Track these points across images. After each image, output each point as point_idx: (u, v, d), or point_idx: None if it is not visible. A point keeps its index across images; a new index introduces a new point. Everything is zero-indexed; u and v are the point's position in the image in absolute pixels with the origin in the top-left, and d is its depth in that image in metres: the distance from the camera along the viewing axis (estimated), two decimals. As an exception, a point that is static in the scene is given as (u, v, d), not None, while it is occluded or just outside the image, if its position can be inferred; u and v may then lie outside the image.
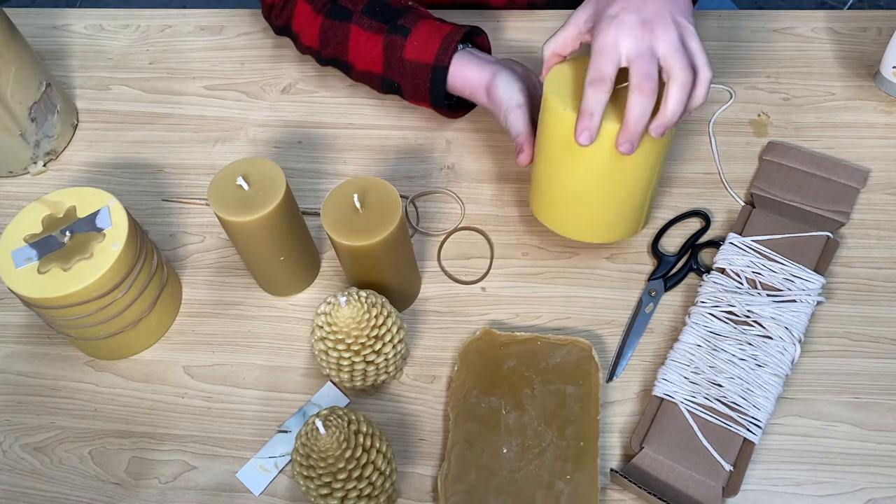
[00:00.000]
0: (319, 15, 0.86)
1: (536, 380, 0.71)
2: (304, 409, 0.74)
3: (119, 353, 0.78)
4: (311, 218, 0.84)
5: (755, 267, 0.75)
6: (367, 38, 0.84)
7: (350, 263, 0.72)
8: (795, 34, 0.94)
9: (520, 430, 0.69)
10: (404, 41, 0.82)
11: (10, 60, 0.84)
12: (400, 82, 0.84)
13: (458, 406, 0.70)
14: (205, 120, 0.94)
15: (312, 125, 0.92)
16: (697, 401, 0.69)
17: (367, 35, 0.84)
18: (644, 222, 0.75)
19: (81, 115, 0.96)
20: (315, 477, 0.60)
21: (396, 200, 0.69)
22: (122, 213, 0.72)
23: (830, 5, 2.05)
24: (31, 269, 0.70)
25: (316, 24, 0.87)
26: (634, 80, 0.63)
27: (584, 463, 0.67)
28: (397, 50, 0.82)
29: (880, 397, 0.71)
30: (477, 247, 0.82)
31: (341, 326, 0.65)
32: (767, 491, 0.67)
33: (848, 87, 0.90)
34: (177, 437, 0.73)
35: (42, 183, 0.91)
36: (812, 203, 0.80)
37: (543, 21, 0.98)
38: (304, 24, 0.88)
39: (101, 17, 1.05)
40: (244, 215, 0.68)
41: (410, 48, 0.81)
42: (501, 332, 0.74)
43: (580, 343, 0.72)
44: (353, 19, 0.84)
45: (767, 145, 0.85)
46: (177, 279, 0.82)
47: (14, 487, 0.72)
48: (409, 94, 0.84)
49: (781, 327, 0.71)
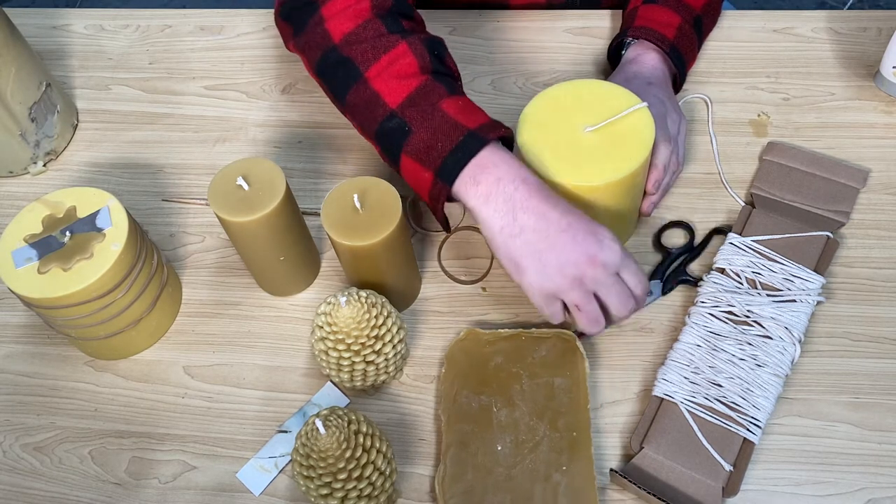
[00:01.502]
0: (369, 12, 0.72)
1: (524, 375, 0.71)
2: (304, 409, 0.74)
3: (119, 353, 0.78)
4: (311, 218, 0.84)
5: (755, 267, 0.75)
6: (409, 63, 0.70)
7: (350, 263, 0.72)
8: (795, 34, 0.94)
9: (512, 426, 0.69)
10: (446, 94, 0.69)
11: (10, 60, 0.84)
12: (412, 125, 0.68)
13: (449, 408, 0.71)
14: (205, 120, 0.94)
15: (312, 125, 0.92)
16: (697, 401, 0.69)
17: (411, 60, 0.70)
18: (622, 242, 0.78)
19: (81, 115, 0.96)
20: (315, 477, 0.60)
21: (396, 200, 0.69)
22: (122, 213, 0.72)
23: (830, 5, 2.04)
24: (31, 269, 0.70)
25: (358, 16, 0.72)
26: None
27: (578, 453, 0.67)
28: (434, 96, 0.69)
29: (880, 397, 0.71)
30: (477, 247, 0.82)
31: (341, 326, 0.65)
32: (767, 491, 0.67)
33: (848, 87, 0.89)
34: (177, 437, 0.73)
35: (42, 183, 0.91)
36: (812, 203, 0.80)
37: (544, 21, 0.98)
38: (339, 11, 0.72)
39: (101, 17, 1.05)
40: (244, 215, 0.68)
41: (450, 104, 0.69)
42: (485, 331, 0.74)
43: (564, 334, 0.73)
44: (407, 38, 0.71)
45: (767, 145, 0.85)
46: (177, 279, 0.82)
47: (14, 487, 0.72)
48: (414, 145, 0.68)
49: (781, 327, 0.71)
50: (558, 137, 0.70)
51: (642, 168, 0.70)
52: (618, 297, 0.66)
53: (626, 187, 0.71)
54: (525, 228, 0.64)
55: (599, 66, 0.94)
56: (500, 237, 0.66)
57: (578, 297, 0.65)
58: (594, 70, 0.93)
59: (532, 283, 0.65)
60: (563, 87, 0.74)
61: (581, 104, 0.72)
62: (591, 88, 0.74)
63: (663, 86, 0.82)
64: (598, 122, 0.70)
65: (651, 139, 0.70)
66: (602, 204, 0.71)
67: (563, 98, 0.73)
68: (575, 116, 0.71)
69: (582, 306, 0.66)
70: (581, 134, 0.70)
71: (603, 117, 0.70)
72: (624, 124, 0.70)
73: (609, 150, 0.69)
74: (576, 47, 0.95)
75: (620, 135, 0.70)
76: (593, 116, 0.71)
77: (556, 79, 0.93)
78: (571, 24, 0.97)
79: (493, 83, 0.93)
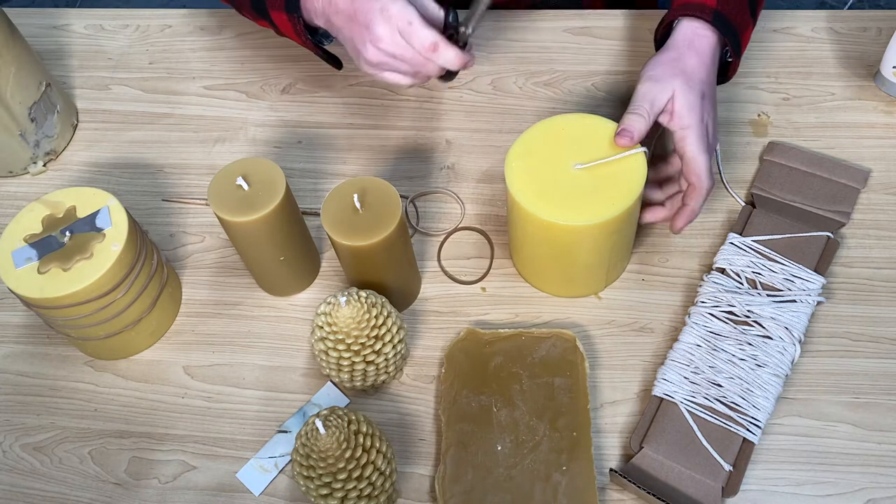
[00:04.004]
0: None
1: (524, 374, 0.71)
2: (304, 409, 0.74)
3: (119, 353, 0.78)
4: (311, 218, 0.84)
5: (755, 267, 0.75)
6: None
7: (350, 263, 0.72)
8: (795, 34, 0.94)
9: (512, 426, 0.69)
10: None
11: (10, 60, 0.84)
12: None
13: (449, 408, 0.71)
14: (205, 120, 0.94)
15: (312, 125, 0.92)
16: (697, 401, 0.69)
17: None
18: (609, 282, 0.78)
19: (81, 115, 0.96)
20: (315, 477, 0.60)
21: (396, 200, 0.69)
22: (122, 213, 0.72)
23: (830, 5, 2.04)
24: (31, 269, 0.70)
25: None
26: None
27: (578, 453, 0.67)
28: None
29: (880, 397, 0.71)
30: (477, 247, 0.82)
31: (341, 326, 0.65)
32: (767, 491, 0.67)
33: (848, 87, 0.89)
34: (177, 437, 0.73)
35: (42, 183, 0.91)
36: (812, 203, 0.80)
37: (543, 21, 0.98)
38: None
39: (101, 17, 1.04)
40: (244, 215, 0.68)
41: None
42: (485, 331, 0.74)
43: (564, 335, 0.73)
44: None
45: (768, 145, 0.85)
46: (177, 279, 0.82)
47: (14, 487, 0.72)
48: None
49: (781, 327, 0.71)
50: (546, 173, 0.69)
51: (628, 213, 0.68)
52: (408, 60, 0.71)
53: (608, 232, 0.69)
54: (332, 25, 0.74)
55: (599, 66, 0.94)
56: (321, 20, 0.75)
57: (389, 64, 0.72)
58: (594, 70, 0.93)
59: (360, 67, 0.74)
60: (557, 120, 0.73)
61: (575, 140, 0.71)
62: (587, 124, 0.72)
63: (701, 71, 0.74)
64: (590, 160, 0.69)
65: (641, 184, 0.68)
66: (582, 245, 0.70)
67: (556, 132, 0.72)
68: (566, 152, 0.70)
69: (397, 69, 0.72)
70: (570, 171, 0.69)
71: (596, 156, 0.69)
72: (617, 165, 0.69)
73: (596, 192, 0.68)
74: (576, 47, 0.95)
75: (611, 176, 0.68)
76: (585, 154, 0.70)
77: (556, 78, 0.93)
78: (571, 24, 0.97)
79: (492, 83, 0.93)
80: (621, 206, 0.67)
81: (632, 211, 0.69)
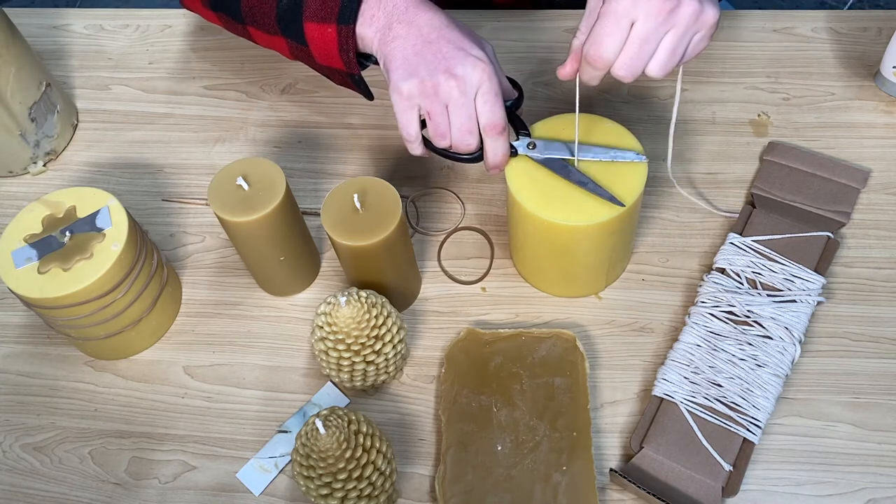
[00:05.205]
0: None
1: (524, 374, 0.71)
2: (304, 409, 0.74)
3: (119, 353, 0.78)
4: (311, 218, 0.84)
5: (755, 267, 0.75)
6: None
7: (350, 263, 0.72)
8: (795, 34, 0.94)
9: (512, 427, 0.69)
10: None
11: (10, 60, 0.84)
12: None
13: (449, 408, 0.71)
14: (205, 120, 0.94)
15: (312, 125, 0.92)
16: (697, 401, 0.69)
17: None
18: (609, 282, 0.78)
19: (81, 115, 0.96)
20: (315, 477, 0.60)
21: (396, 200, 0.69)
22: (122, 213, 0.72)
23: (830, 5, 2.05)
24: (31, 269, 0.70)
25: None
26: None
27: (578, 453, 0.67)
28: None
29: (880, 397, 0.71)
30: (477, 247, 0.82)
31: (341, 326, 0.65)
32: (767, 491, 0.67)
33: (848, 87, 0.89)
34: (177, 437, 0.73)
35: (42, 183, 0.91)
36: (812, 203, 0.80)
37: (543, 21, 0.98)
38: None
39: (101, 17, 1.05)
40: (244, 215, 0.69)
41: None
42: (485, 331, 0.74)
43: (564, 334, 0.73)
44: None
45: (768, 145, 0.85)
46: (177, 279, 0.82)
47: (14, 487, 0.72)
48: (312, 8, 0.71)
49: (781, 327, 0.71)
50: (546, 173, 0.69)
51: (628, 213, 0.68)
52: (461, 119, 0.66)
53: (608, 232, 0.69)
54: (397, 37, 0.67)
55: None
56: (377, 46, 0.68)
57: (430, 105, 0.66)
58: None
59: (393, 85, 0.67)
60: (557, 120, 0.73)
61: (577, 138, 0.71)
62: (592, 124, 0.72)
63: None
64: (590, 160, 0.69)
65: (642, 184, 0.68)
66: (582, 245, 0.70)
67: (556, 132, 0.72)
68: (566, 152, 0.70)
69: (433, 115, 0.67)
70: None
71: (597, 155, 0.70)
72: (617, 165, 0.69)
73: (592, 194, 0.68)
74: (576, 47, 0.95)
75: (611, 176, 0.68)
76: (587, 153, 0.70)
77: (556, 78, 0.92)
78: (571, 24, 0.97)
79: (493, 83, 0.93)
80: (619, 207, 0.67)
81: (632, 211, 0.69)
